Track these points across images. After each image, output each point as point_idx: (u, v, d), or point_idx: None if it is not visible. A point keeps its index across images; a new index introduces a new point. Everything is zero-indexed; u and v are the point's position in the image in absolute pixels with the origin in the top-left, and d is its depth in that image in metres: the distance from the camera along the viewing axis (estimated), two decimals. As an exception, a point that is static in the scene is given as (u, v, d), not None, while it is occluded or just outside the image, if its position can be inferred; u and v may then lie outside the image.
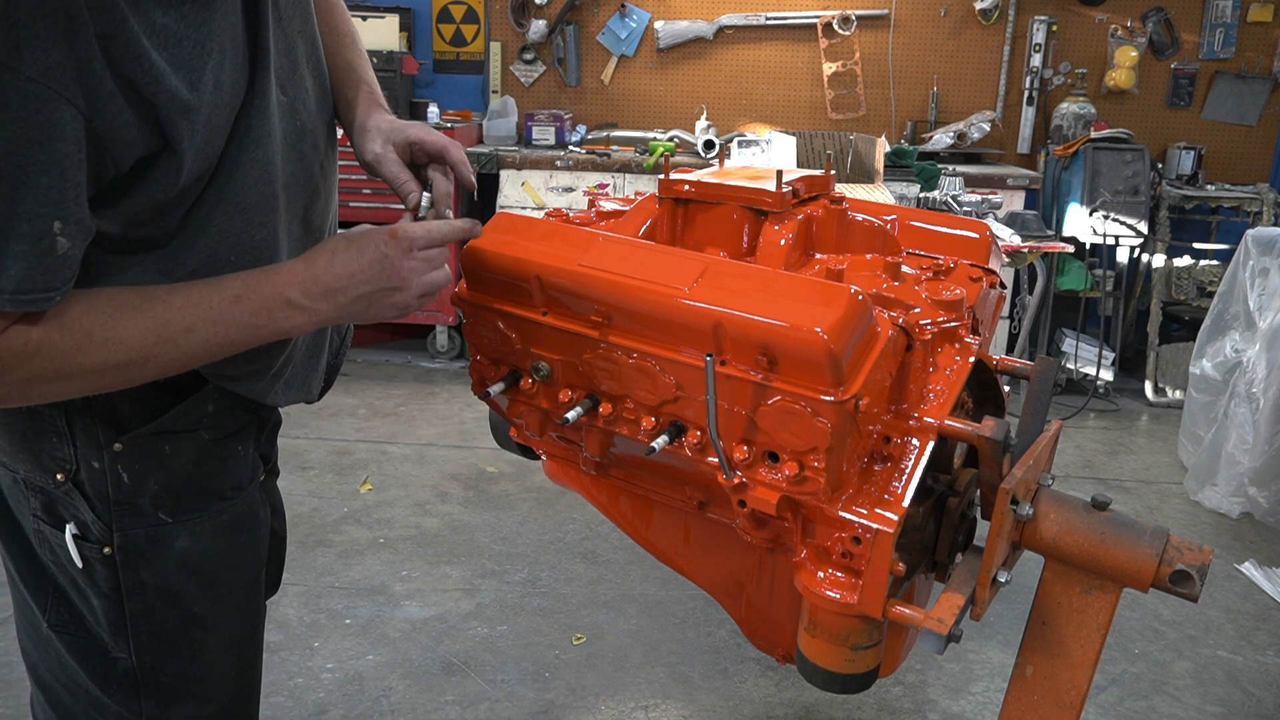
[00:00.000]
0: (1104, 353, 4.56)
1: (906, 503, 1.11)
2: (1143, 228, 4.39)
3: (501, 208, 4.44)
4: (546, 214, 1.49)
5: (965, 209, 3.47)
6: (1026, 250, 3.30)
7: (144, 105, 0.86)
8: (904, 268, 1.33)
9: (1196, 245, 4.75)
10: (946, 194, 3.53)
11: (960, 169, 4.43)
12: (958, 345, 1.23)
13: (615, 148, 4.76)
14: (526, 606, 2.73)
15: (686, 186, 1.41)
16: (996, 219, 3.61)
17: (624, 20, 4.88)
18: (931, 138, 4.76)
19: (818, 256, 1.41)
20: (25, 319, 0.85)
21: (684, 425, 1.17)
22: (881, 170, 3.74)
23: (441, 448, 3.79)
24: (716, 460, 1.11)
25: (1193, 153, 4.70)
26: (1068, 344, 4.66)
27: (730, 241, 1.40)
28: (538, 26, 4.83)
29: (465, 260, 1.26)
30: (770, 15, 4.83)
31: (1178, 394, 4.54)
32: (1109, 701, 2.42)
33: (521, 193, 4.51)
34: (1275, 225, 4.50)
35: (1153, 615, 2.78)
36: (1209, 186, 4.67)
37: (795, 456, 1.08)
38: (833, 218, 1.40)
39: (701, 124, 4.70)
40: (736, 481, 1.12)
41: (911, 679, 2.47)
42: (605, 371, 1.19)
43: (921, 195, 3.71)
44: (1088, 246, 4.48)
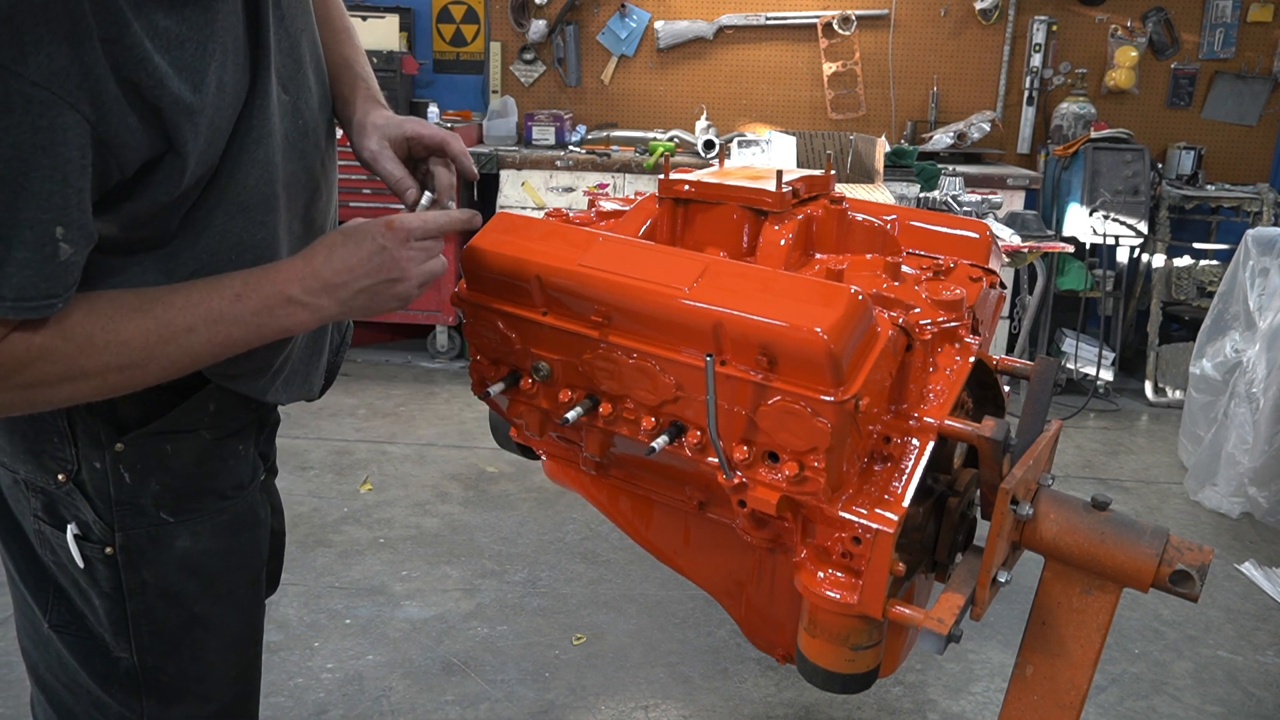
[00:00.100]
0: (1104, 353, 4.56)
1: (906, 503, 1.11)
2: (1143, 228, 4.39)
3: (501, 208, 4.44)
4: (546, 214, 1.48)
5: (965, 209, 3.47)
6: (1026, 250, 3.30)
7: (148, 109, 0.86)
8: (904, 268, 1.33)
9: (1196, 245, 4.75)
10: (946, 194, 3.53)
11: (960, 169, 4.43)
12: (958, 345, 1.23)
13: (615, 148, 4.76)
14: (526, 606, 2.73)
15: (686, 186, 1.41)
16: (996, 219, 3.61)
17: (624, 20, 4.87)
18: (931, 138, 4.76)
19: (818, 256, 1.41)
20: (27, 325, 0.85)
21: (684, 425, 1.17)
22: (881, 170, 3.74)
23: (441, 448, 3.79)
24: (716, 460, 1.11)
25: (1193, 153, 4.70)
26: (1068, 344, 4.66)
27: (730, 241, 1.40)
28: (538, 26, 4.83)
29: (465, 260, 1.26)
30: (770, 15, 4.83)
31: (1178, 394, 4.54)
32: (1109, 701, 2.42)
33: (521, 193, 4.51)
34: (1275, 225, 4.50)
35: (1153, 615, 2.78)
36: (1209, 186, 4.67)
37: (795, 456, 1.08)
38: (833, 218, 1.40)
39: (701, 124, 4.70)
40: (736, 481, 1.12)
41: (911, 679, 2.47)
42: (605, 371, 1.19)
43: (921, 195, 3.71)
44: (1088, 246, 4.48)
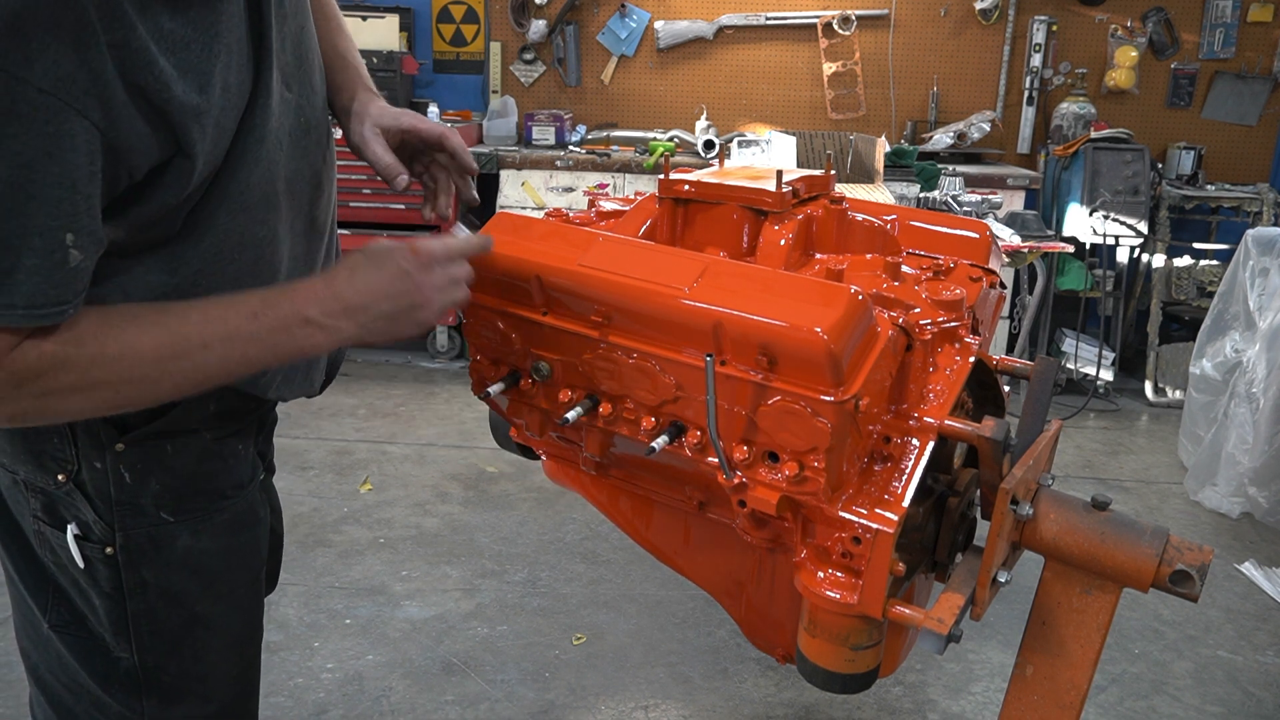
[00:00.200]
0: (1104, 353, 4.56)
1: (906, 503, 1.11)
2: (1143, 228, 4.39)
3: (501, 208, 4.44)
4: (546, 214, 1.48)
5: (965, 209, 3.47)
6: (1026, 250, 3.30)
7: (155, 112, 0.86)
8: (904, 268, 1.33)
9: (1196, 245, 4.75)
10: (946, 194, 3.53)
11: (960, 169, 4.43)
12: (958, 345, 1.23)
13: (615, 148, 4.76)
14: (526, 606, 2.73)
15: (686, 186, 1.41)
16: (996, 219, 3.61)
17: (624, 20, 4.87)
18: (931, 138, 4.76)
19: (818, 256, 1.41)
20: (38, 333, 0.85)
21: (684, 425, 1.16)
22: (881, 170, 3.74)
23: (441, 448, 3.79)
24: (716, 460, 1.11)
25: (1193, 153, 4.69)
26: (1068, 344, 4.66)
27: (730, 242, 1.40)
28: (538, 26, 4.83)
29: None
30: (770, 15, 4.83)
31: (1178, 394, 4.54)
32: (1109, 701, 2.42)
33: (521, 193, 4.51)
34: (1275, 225, 4.50)
35: (1153, 615, 2.78)
36: (1209, 186, 4.66)
37: (795, 456, 1.08)
38: (833, 218, 1.40)
39: (701, 124, 4.70)
40: (736, 481, 1.12)
41: (911, 679, 2.47)
42: (605, 371, 1.19)
43: (921, 195, 3.71)
44: (1088, 246, 4.48)
